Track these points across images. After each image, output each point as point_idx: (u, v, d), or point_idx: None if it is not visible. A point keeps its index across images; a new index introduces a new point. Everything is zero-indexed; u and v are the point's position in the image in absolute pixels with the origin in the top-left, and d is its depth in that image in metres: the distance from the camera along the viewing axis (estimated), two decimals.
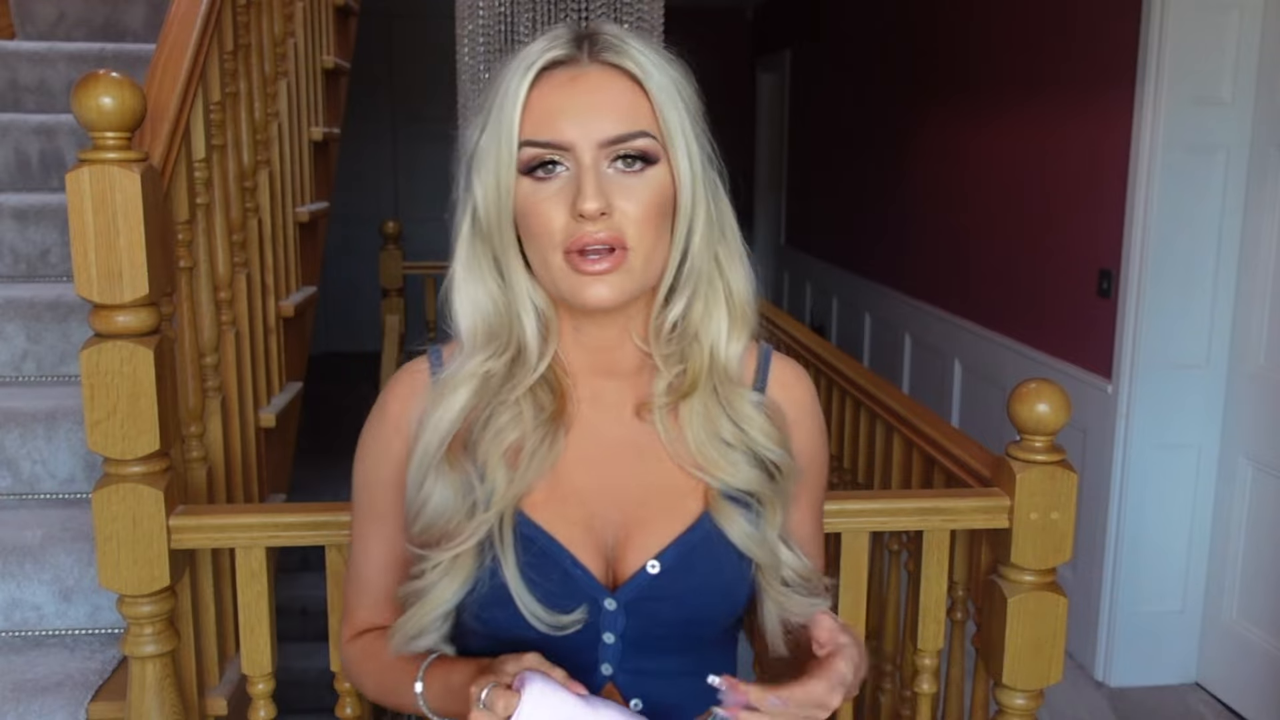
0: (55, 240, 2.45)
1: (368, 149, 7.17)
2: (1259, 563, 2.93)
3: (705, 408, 0.96)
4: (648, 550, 0.94)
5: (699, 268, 0.95)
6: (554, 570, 0.93)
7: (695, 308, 0.97)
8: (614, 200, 0.88)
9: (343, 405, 5.41)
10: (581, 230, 0.88)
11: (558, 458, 0.95)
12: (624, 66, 0.91)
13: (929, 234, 4.57)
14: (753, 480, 0.96)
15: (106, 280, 1.41)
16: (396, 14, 6.89)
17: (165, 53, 1.80)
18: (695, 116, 0.94)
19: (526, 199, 0.90)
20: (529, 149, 0.89)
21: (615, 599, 0.94)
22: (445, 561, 0.93)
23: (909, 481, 2.12)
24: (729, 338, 0.98)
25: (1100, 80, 3.17)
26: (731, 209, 0.99)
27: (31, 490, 2.06)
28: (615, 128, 0.89)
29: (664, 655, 0.96)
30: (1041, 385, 1.49)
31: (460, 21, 2.71)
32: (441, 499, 0.94)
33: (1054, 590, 1.52)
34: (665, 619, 0.95)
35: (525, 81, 0.90)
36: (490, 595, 0.93)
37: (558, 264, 0.90)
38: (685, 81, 0.94)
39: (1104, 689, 3.14)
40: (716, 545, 0.95)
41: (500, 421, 0.94)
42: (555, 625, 0.91)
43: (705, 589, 0.95)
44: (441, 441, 0.94)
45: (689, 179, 0.92)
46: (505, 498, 0.92)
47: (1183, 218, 2.95)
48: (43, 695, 1.69)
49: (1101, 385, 3.15)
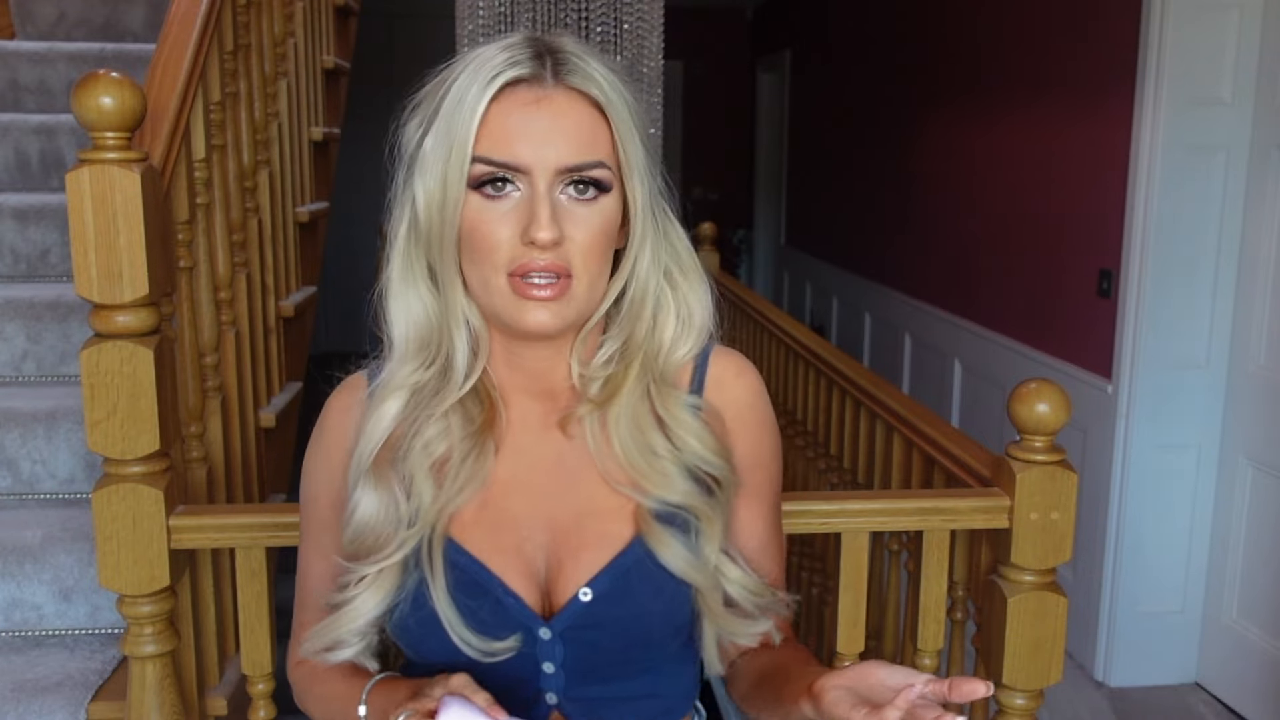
0: (55, 240, 2.45)
1: (368, 149, 7.16)
2: (1259, 563, 2.93)
3: (633, 411, 0.93)
4: (579, 577, 0.91)
5: (645, 292, 0.93)
6: (485, 598, 0.91)
7: (636, 331, 0.94)
8: (564, 228, 0.86)
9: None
10: (529, 255, 0.86)
11: (487, 473, 0.93)
12: (588, 92, 0.88)
13: (929, 234, 4.57)
14: (687, 494, 0.92)
15: (106, 280, 1.41)
16: (396, 14, 6.89)
17: (165, 53, 1.80)
18: (645, 140, 0.92)
19: (474, 216, 0.87)
20: (481, 165, 0.86)
21: (550, 628, 0.91)
22: (370, 575, 0.91)
23: (909, 481, 2.12)
24: (675, 346, 0.95)
25: (1100, 80, 3.17)
26: (684, 232, 0.97)
27: (31, 490, 2.06)
28: (574, 156, 0.87)
29: (611, 682, 0.94)
30: (1041, 385, 1.49)
31: (460, 21, 2.72)
32: (367, 510, 0.92)
33: (1054, 590, 1.52)
34: (605, 646, 0.92)
35: (486, 95, 0.86)
36: (419, 623, 0.91)
37: (500, 285, 0.87)
38: (638, 102, 0.92)
39: (1104, 689, 3.14)
40: (652, 568, 0.91)
41: (428, 434, 0.92)
42: (487, 652, 0.89)
43: (643, 615, 0.92)
44: (372, 450, 0.93)
45: (641, 207, 0.91)
46: (431, 511, 0.91)
47: (1183, 218, 2.95)
48: (43, 695, 1.69)
49: (1101, 385, 3.15)
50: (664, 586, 0.91)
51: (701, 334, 0.97)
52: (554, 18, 2.63)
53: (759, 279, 7.70)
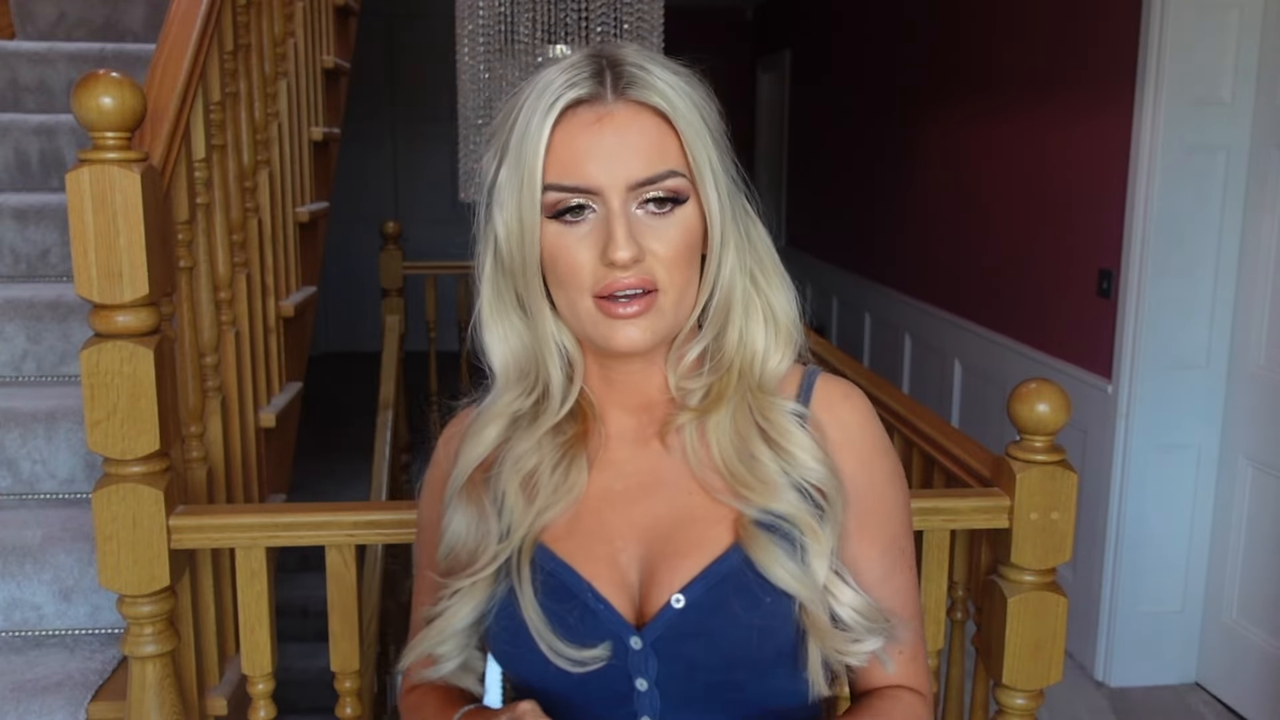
0: (55, 240, 2.45)
1: (368, 149, 7.17)
2: (1259, 563, 2.93)
3: (734, 421, 0.91)
4: (673, 585, 0.88)
5: (730, 297, 0.92)
6: (574, 604, 0.89)
7: (729, 335, 0.93)
8: (644, 243, 0.86)
9: (343, 405, 5.42)
10: (611, 275, 0.85)
11: (579, 487, 0.92)
12: (650, 103, 0.87)
13: (929, 234, 4.57)
14: (791, 504, 0.88)
15: (106, 280, 1.41)
16: (396, 14, 6.89)
17: (165, 53, 1.80)
18: (720, 142, 0.90)
19: (553, 242, 0.87)
20: (554, 193, 0.86)
21: (641, 637, 0.88)
22: (464, 588, 0.91)
23: (909, 482, 2.12)
24: (769, 353, 0.94)
25: (1100, 81, 3.17)
26: (765, 229, 0.95)
27: (31, 490, 2.06)
28: (644, 170, 0.86)
29: (708, 707, 0.89)
30: (1041, 385, 1.49)
31: (460, 21, 2.71)
32: (458, 528, 0.93)
33: (1054, 590, 1.52)
34: (700, 662, 0.88)
35: (548, 121, 0.86)
36: (511, 633, 0.90)
37: (586, 308, 0.87)
38: (708, 105, 0.90)
39: (1104, 689, 3.14)
40: (750, 578, 0.87)
41: (519, 449, 0.93)
42: (575, 660, 0.86)
43: (740, 628, 0.87)
44: (466, 472, 0.94)
45: (718, 212, 0.89)
46: (523, 525, 0.90)
47: (1183, 218, 2.95)
48: (43, 695, 1.69)
49: (1101, 385, 3.15)
50: (762, 599, 0.87)
51: (791, 338, 0.95)
52: (554, 18, 2.63)
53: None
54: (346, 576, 1.53)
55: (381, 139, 7.37)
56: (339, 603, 1.54)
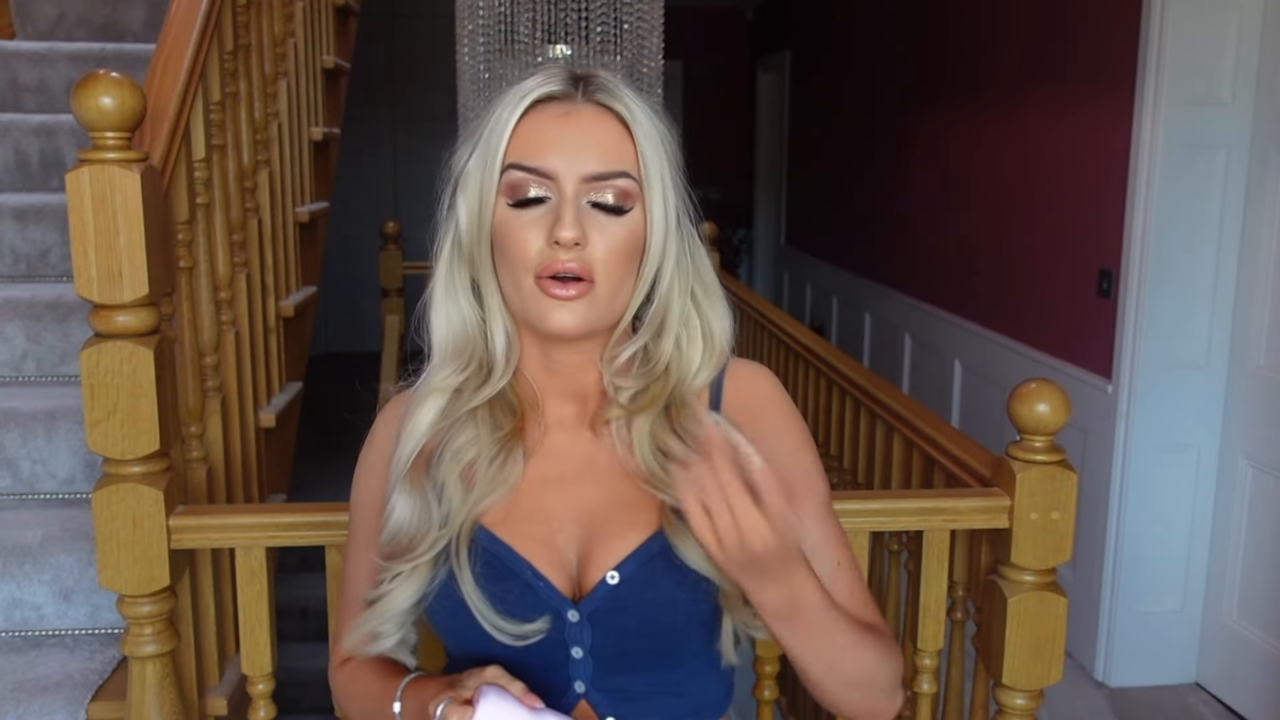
0: (55, 240, 2.45)
1: (368, 149, 7.17)
2: (1259, 563, 2.93)
3: (653, 427, 0.98)
4: (608, 563, 0.95)
5: (668, 308, 0.98)
6: (514, 582, 0.95)
7: (664, 343, 0.99)
8: (589, 233, 0.92)
9: (343, 405, 5.42)
10: (555, 256, 0.92)
11: (514, 477, 0.98)
12: (614, 109, 0.95)
13: (929, 234, 4.57)
14: None
15: (106, 280, 1.41)
16: (396, 14, 6.89)
17: (165, 53, 1.80)
18: (674, 163, 0.97)
19: (506, 223, 0.94)
20: (514, 172, 0.93)
21: (579, 610, 0.95)
22: (404, 571, 0.97)
23: (909, 481, 2.12)
24: (701, 369, 1.00)
25: (1100, 80, 3.17)
26: (708, 256, 1.02)
27: (31, 490, 2.06)
28: (599, 165, 0.93)
29: (638, 672, 0.97)
30: (1041, 385, 1.49)
31: (460, 21, 2.71)
32: (401, 514, 0.98)
33: (1054, 590, 1.52)
34: (632, 632, 0.95)
35: (518, 110, 0.94)
36: (451, 611, 0.96)
37: (528, 286, 0.93)
38: (670, 134, 0.98)
39: (1104, 689, 3.14)
40: (675, 558, 0.94)
41: (458, 442, 0.98)
42: (516, 635, 0.93)
43: (668, 601, 0.95)
44: (410, 455, 0.99)
45: (661, 223, 0.95)
46: (460, 513, 0.96)
47: (1183, 218, 2.95)
48: (43, 695, 1.69)
49: (1101, 385, 3.15)
50: (687, 575, 0.94)
51: (721, 357, 1.01)
52: (554, 18, 2.63)
53: (759, 279, 7.70)
54: None
55: (381, 139, 7.37)
56: (338, 603, 1.53)
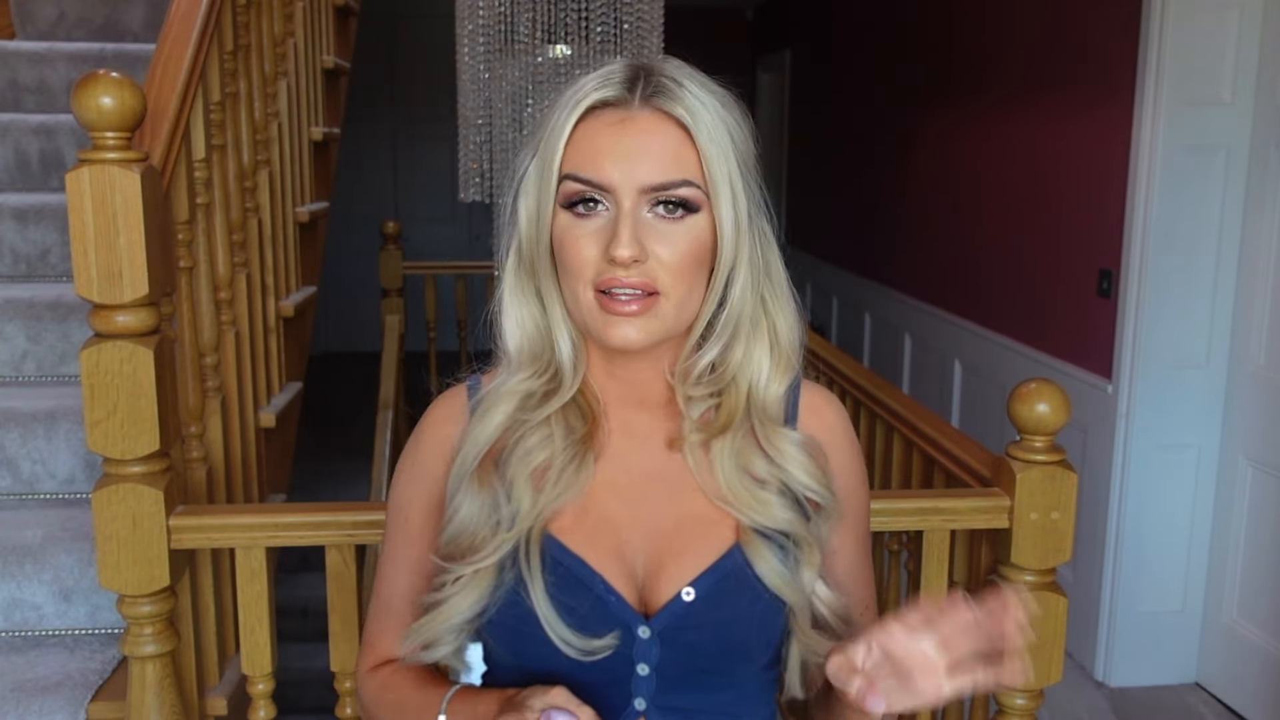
0: (55, 240, 2.45)
1: (368, 149, 7.17)
2: (1259, 563, 2.93)
3: (737, 446, 0.95)
4: (681, 579, 0.92)
5: (739, 314, 0.95)
6: (585, 595, 0.91)
7: (734, 351, 0.96)
8: (650, 245, 0.88)
9: (343, 405, 5.42)
10: (613, 272, 0.88)
11: (586, 482, 0.94)
12: (674, 114, 0.90)
13: (929, 234, 4.57)
14: (786, 521, 0.94)
15: (106, 280, 1.41)
16: (397, 14, 6.89)
17: (165, 53, 1.80)
18: (746, 163, 0.93)
19: (563, 232, 0.91)
20: (570, 183, 0.90)
21: (650, 626, 0.92)
22: (466, 575, 0.93)
23: (909, 481, 2.12)
24: (769, 379, 0.97)
25: (1100, 80, 3.17)
26: (779, 255, 0.98)
27: (31, 490, 2.06)
28: (658, 175, 0.88)
29: (699, 692, 0.94)
30: (1041, 385, 1.49)
31: (460, 21, 2.72)
32: (468, 513, 0.94)
33: (1054, 590, 1.52)
34: (702, 650, 0.93)
35: (573, 116, 0.90)
36: (517, 621, 0.91)
37: (587, 300, 0.90)
38: (740, 126, 0.93)
39: (1104, 689, 3.14)
40: (750, 577, 0.93)
41: (530, 442, 0.95)
42: (585, 650, 0.89)
43: (741, 619, 0.93)
44: (478, 454, 0.95)
45: (732, 229, 0.91)
46: (529, 517, 0.92)
47: (1182, 218, 2.95)
48: (43, 695, 1.69)
49: (1101, 385, 3.15)
50: (760, 595, 0.93)
51: (790, 363, 0.98)
52: (554, 18, 2.63)
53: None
54: (346, 576, 1.53)
55: (381, 139, 7.37)
56: (339, 603, 1.54)
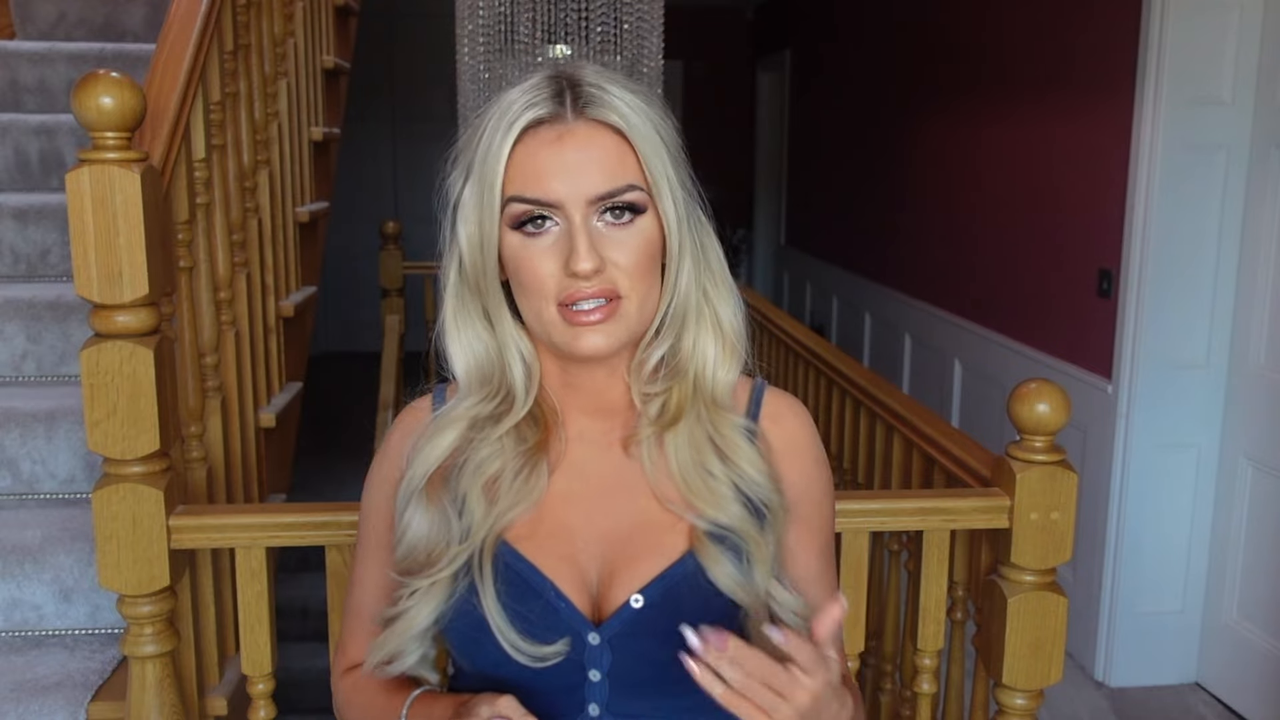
0: (55, 240, 2.45)
1: (368, 149, 7.17)
2: (1259, 563, 2.93)
3: (690, 435, 0.96)
4: (633, 585, 0.93)
5: (685, 304, 0.96)
6: (535, 601, 0.93)
7: (683, 342, 0.97)
8: (606, 253, 0.90)
9: (343, 405, 5.42)
10: (575, 285, 0.89)
11: (539, 491, 0.95)
12: (609, 121, 0.91)
13: (929, 234, 4.57)
14: (737, 517, 0.94)
15: (106, 280, 1.41)
16: (397, 14, 6.89)
17: (165, 53, 1.80)
18: (676, 156, 0.95)
19: (516, 252, 0.91)
20: (517, 204, 0.90)
21: (599, 633, 0.92)
22: (423, 587, 0.94)
23: (909, 481, 2.12)
24: (717, 365, 0.98)
25: (1100, 80, 3.17)
26: (716, 240, 1.00)
27: (31, 490, 2.06)
28: (604, 184, 0.89)
29: (653, 698, 0.94)
30: (1041, 385, 1.49)
31: (460, 21, 2.72)
32: (418, 529, 0.95)
33: (1054, 590, 1.52)
34: (651, 657, 0.92)
35: (509, 139, 0.90)
36: (470, 628, 0.93)
37: (552, 316, 0.91)
38: (664, 121, 0.95)
39: (1104, 689, 3.14)
40: (702, 583, 0.93)
41: (481, 455, 0.96)
42: (535, 656, 0.90)
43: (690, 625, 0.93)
44: (425, 473, 0.96)
45: (675, 223, 0.93)
46: (484, 527, 0.93)
47: (1183, 218, 2.95)
48: (43, 695, 1.69)
49: (1101, 385, 3.15)
50: (713, 602, 0.93)
51: (736, 350, 0.99)
52: (554, 18, 2.63)
53: (759, 279, 7.70)
54: (346, 576, 1.53)
55: (381, 139, 7.37)
56: (339, 603, 1.54)
